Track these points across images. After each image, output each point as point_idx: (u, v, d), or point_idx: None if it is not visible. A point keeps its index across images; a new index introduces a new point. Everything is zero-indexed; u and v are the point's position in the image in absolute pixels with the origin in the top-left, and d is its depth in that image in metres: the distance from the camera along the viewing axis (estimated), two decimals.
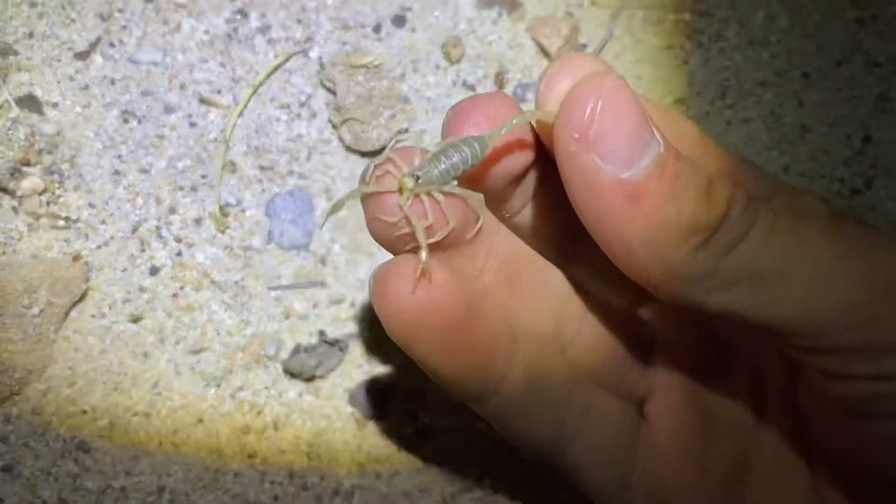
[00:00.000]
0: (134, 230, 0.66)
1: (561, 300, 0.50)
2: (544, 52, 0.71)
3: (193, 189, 0.67)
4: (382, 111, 0.68)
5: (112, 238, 0.66)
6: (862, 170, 0.72)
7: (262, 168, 0.68)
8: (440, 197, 0.40)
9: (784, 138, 0.73)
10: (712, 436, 0.51)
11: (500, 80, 0.71)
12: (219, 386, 0.64)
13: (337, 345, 0.64)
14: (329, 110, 0.69)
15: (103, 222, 0.66)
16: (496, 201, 0.46)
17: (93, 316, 0.64)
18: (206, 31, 0.70)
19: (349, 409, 0.64)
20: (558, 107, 0.38)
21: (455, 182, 0.41)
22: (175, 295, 0.65)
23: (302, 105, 0.70)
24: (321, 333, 0.64)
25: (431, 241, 0.40)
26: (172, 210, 0.66)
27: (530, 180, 0.45)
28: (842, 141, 0.73)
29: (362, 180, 0.41)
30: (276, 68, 0.70)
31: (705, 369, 0.52)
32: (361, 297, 0.66)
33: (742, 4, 0.75)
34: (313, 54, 0.70)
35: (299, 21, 0.71)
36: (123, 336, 0.64)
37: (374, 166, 0.41)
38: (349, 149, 0.69)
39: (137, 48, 0.70)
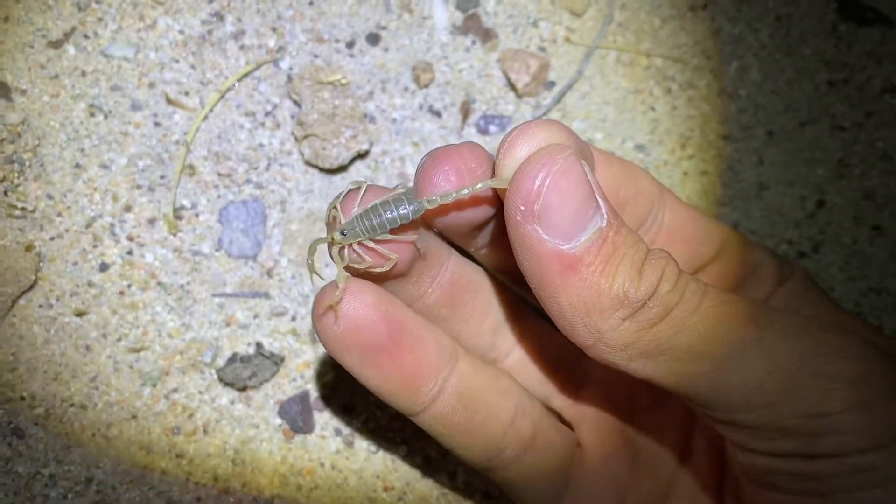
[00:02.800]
0: (88, 225, 0.67)
1: (500, 322, 0.55)
2: (512, 87, 0.72)
3: (151, 189, 0.68)
4: (344, 130, 0.69)
5: (66, 231, 0.67)
6: (812, 233, 0.73)
7: (220, 174, 0.69)
8: (371, 244, 0.46)
9: (739, 195, 0.74)
10: (637, 469, 0.54)
11: (465, 109, 0.72)
12: (154, 386, 0.66)
13: (272, 358, 0.65)
14: (293, 122, 0.70)
15: (59, 214, 0.67)
16: (463, 239, 0.50)
17: (40, 306, 0.66)
18: (181, 31, 0.71)
19: (278, 420, 0.66)
20: (511, 173, 0.41)
21: (388, 232, 0.46)
22: (122, 293, 0.67)
23: (267, 114, 0.71)
24: (258, 345, 0.66)
25: (380, 270, 0.46)
26: (128, 208, 0.68)
27: (493, 223, 0.49)
28: (796, 203, 0.74)
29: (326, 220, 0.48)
30: (245, 75, 0.71)
31: (637, 407, 0.56)
32: (303, 311, 0.68)
33: (717, 54, 0.75)
34: (284, 64, 0.71)
35: (274, 29, 0.72)
36: (68, 328, 0.66)
37: (329, 209, 0.47)
38: (308, 163, 0.70)
39: (111, 42, 0.71)
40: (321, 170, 0.70)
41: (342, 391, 0.67)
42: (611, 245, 0.41)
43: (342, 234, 0.46)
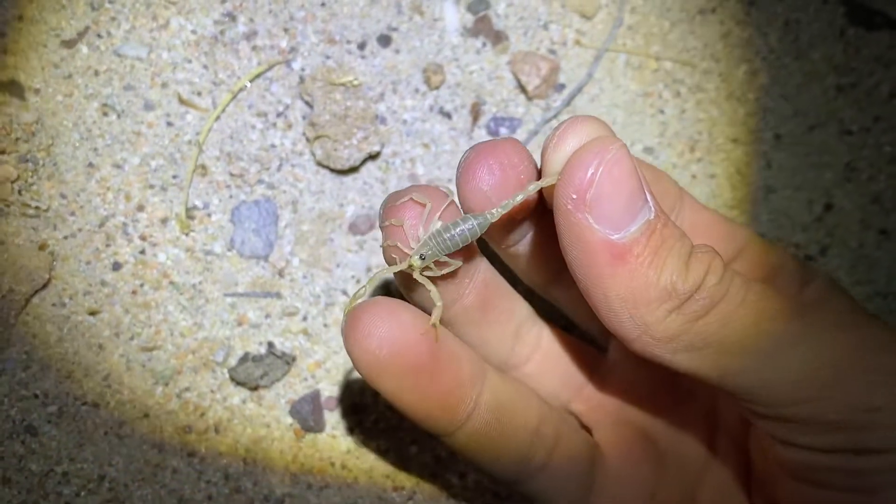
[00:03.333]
0: (101, 224, 0.68)
1: (521, 324, 0.56)
2: (522, 89, 0.72)
3: (163, 189, 0.69)
4: (356, 131, 0.69)
5: (79, 230, 0.68)
6: (819, 237, 0.74)
7: (232, 174, 0.70)
8: (444, 258, 0.46)
9: (747, 198, 0.74)
10: (662, 469, 0.54)
11: (475, 111, 0.73)
12: (167, 384, 0.66)
13: (284, 357, 0.66)
14: (305, 123, 0.71)
15: (73, 214, 0.68)
16: (497, 235, 0.50)
17: (53, 305, 0.67)
18: (194, 31, 0.72)
19: (289, 419, 0.67)
20: (562, 166, 0.42)
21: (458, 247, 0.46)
22: (134, 292, 0.67)
23: (279, 115, 0.71)
24: (270, 345, 0.67)
25: (443, 272, 0.46)
26: (140, 208, 0.68)
27: (529, 221, 0.50)
28: (803, 206, 0.74)
29: (381, 222, 0.47)
30: (257, 75, 0.71)
31: (658, 408, 0.56)
32: (314, 311, 0.68)
33: (726, 57, 0.76)
34: (296, 65, 0.72)
35: (286, 30, 0.72)
36: (81, 327, 0.67)
37: (386, 220, 0.46)
38: (320, 164, 0.70)
39: (124, 41, 0.71)
40: (332, 170, 0.71)
41: (353, 390, 0.68)
42: (659, 237, 0.41)
43: (421, 258, 0.45)
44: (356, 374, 0.68)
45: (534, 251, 0.52)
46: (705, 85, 0.75)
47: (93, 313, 0.67)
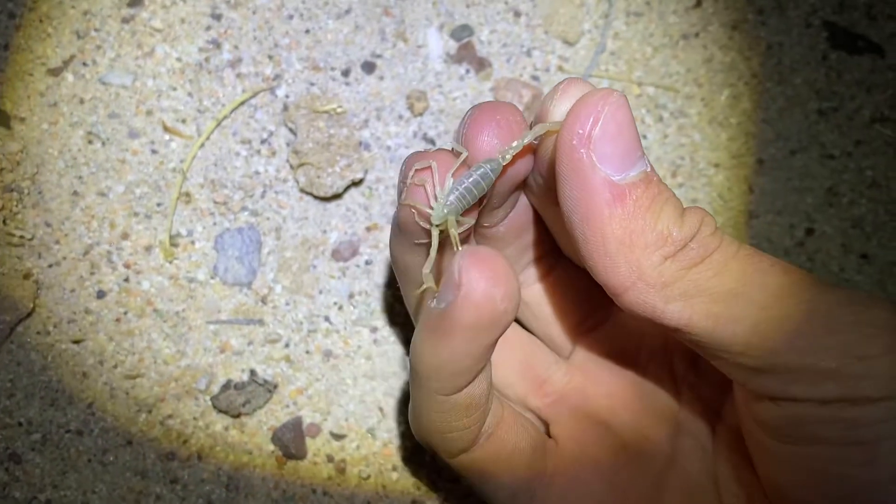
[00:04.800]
0: (86, 252, 0.68)
1: None
2: None
3: (147, 216, 0.69)
4: (339, 159, 0.70)
5: (64, 258, 0.68)
6: (801, 261, 0.74)
7: (215, 202, 0.70)
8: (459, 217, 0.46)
9: (729, 223, 0.74)
10: (623, 457, 0.55)
11: None
12: (150, 412, 0.67)
13: (266, 385, 0.66)
14: (289, 151, 0.71)
15: (57, 242, 0.68)
16: (486, 210, 0.51)
17: (38, 333, 0.67)
18: (179, 59, 0.72)
19: (271, 447, 0.67)
20: (565, 114, 0.43)
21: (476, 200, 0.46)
22: (118, 320, 0.68)
23: (263, 142, 0.72)
24: (252, 372, 0.67)
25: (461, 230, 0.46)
26: (125, 236, 0.69)
27: (514, 198, 0.51)
28: (785, 231, 0.74)
29: (401, 184, 0.48)
30: (241, 103, 0.72)
31: (620, 404, 0.57)
32: (297, 338, 0.69)
33: (708, 82, 0.76)
34: (280, 92, 0.72)
35: (270, 57, 0.73)
36: (65, 355, 0.67)
37: (413, 173, 0.46)
38: (303, 191, 0.71)
39: (109, 69, 0.72)
40: (316, 197, 0.71)
41: (334, 418, 0.68)
42: (656, 188, 0.42)
43: (444, 213, 0.45)
44: (338, 401, 0.68)
45: (513, 234, 0.54)
46: (688, 110, 0.76)
47: (77, 341, 0.67)
